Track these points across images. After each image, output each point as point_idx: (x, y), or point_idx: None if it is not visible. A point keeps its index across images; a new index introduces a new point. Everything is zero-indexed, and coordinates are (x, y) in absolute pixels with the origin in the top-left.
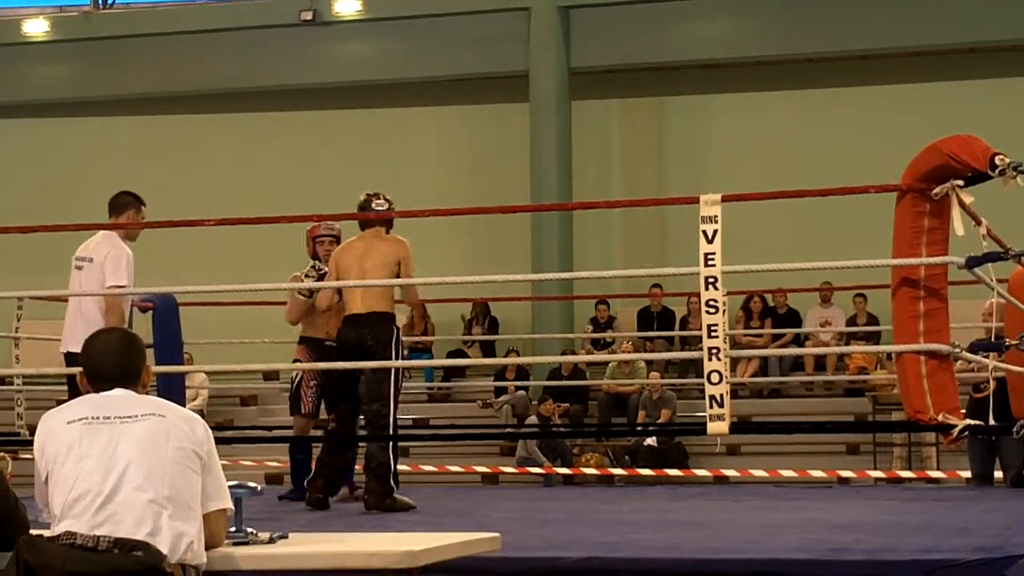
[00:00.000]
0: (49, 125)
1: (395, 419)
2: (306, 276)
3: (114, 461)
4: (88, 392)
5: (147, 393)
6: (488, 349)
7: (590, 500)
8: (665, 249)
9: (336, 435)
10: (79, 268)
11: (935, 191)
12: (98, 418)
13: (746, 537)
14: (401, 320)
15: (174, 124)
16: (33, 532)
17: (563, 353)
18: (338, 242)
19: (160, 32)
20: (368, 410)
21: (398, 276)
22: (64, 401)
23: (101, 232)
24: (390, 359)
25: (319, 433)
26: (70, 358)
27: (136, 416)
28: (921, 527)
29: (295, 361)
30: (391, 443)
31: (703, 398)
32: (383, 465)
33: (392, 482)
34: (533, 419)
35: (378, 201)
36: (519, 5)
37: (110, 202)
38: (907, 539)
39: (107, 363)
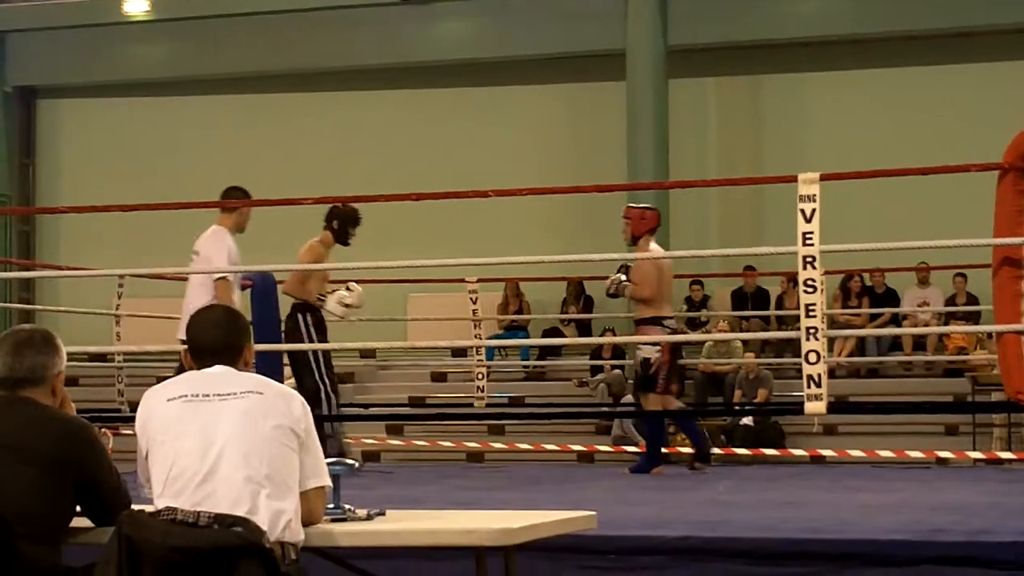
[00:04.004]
0: (148, 104)
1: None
2: None
3: (212, 439)
4: (191, 369)
5: (247, 371)
6: (584, 328)
7: (685, 479)
8: (762, 228)
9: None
10: (192, 262)
11: None
12: (197, 396)
13: (844, 517)
14: (496, 299)
15: (272, 103)
16: (135, 507)
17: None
18: None
19: (258, 11)
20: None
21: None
22: (165, 379)
23: (213, 226)
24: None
25: None
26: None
27: (235, 393)
28: (1022, 509)
29: None
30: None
31: (800, 378)
32: None
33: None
34: (628, 398)
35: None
36: None
37: (221, 196)
38: (1007, 521)
39: (209, 338)
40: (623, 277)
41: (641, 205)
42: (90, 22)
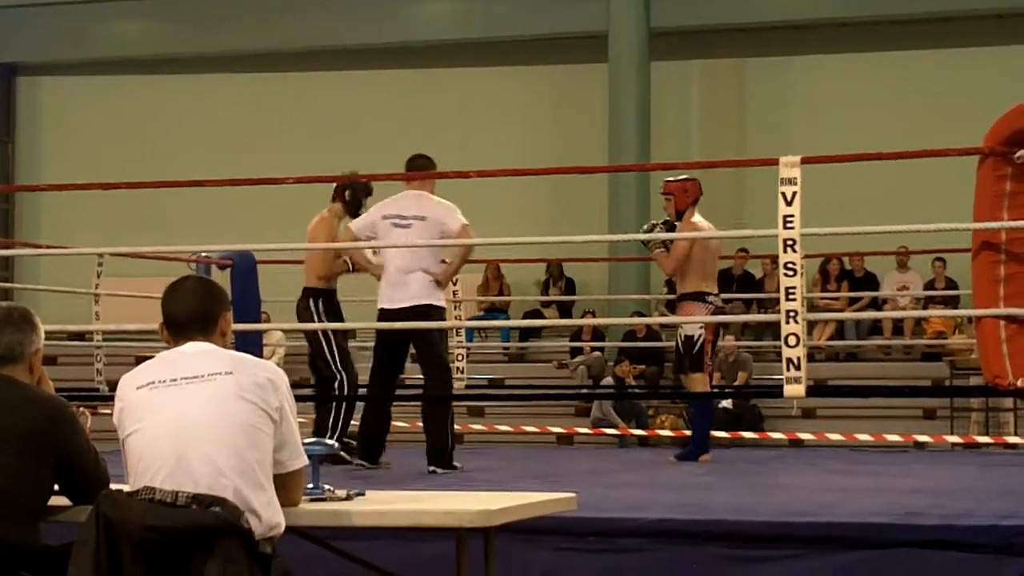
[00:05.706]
0: (130, 82)
1: (346, 381)
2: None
3: (181, 427)
4: (168, 343)
5: (225, 342)
6: (564, 310)
7: (665, 462)
8: (743, 211)
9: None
10: (406, 227)
11: (1017, 155)
12: (164, 381)
13: (822, 500)
14: (476, 281)
15: (255, 83)
16: (112, 487)
17: (638, 314)
18: None
19: None
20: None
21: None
22: (144, 359)
23: (411, 192)
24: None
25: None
26: (387, 314)
27: (202, 376)
28: (999, 492)
29: None
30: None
31: (780, 361)
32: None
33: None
34: (608, 380)
35: None
36: None
37: (408, 164)
38: (985, 504)
39: (182, 307)
40: (663, 236)
41: (680, 178)
42: None
